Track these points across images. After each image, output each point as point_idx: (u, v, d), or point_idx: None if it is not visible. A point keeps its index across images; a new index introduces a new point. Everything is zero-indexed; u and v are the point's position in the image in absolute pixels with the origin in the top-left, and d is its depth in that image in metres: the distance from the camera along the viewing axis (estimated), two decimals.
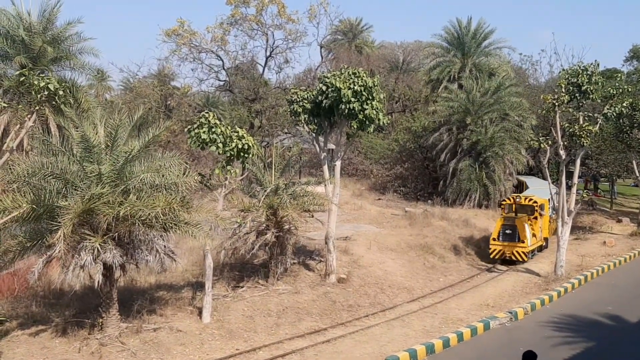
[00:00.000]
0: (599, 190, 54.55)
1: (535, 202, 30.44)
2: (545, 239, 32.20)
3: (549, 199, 31.20)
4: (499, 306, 21.96)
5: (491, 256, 28.98)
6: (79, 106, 22.34)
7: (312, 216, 23.67)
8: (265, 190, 22.32)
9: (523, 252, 28.57)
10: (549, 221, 32.46)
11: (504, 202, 31.30)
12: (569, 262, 27.43)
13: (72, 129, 16.66)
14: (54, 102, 16.64)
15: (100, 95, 30.83)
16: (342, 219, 32.06)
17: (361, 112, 22.26)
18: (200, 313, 18.93)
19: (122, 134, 16.82)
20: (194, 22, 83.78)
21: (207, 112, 19.90)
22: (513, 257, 28.53)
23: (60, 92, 15.77)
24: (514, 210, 30.26)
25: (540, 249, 31.41)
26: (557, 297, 23.13)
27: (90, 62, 28.57)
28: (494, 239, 29.13)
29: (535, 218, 30.02)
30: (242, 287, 22.07)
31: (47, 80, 15.93)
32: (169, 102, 46.44)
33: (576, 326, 19.70)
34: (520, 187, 41.75)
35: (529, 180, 41.56)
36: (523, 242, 28.53)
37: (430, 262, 27.97)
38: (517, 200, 30.75)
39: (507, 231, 28.74)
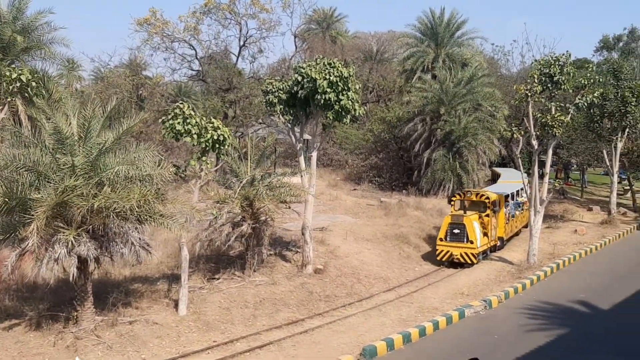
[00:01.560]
0: (570, 179, 55.37)
1: (487, 197, 27.94)
2: (500, 239, 29.42)
3: (507, 194, 30.05)
4: (474, 295, 22.21)
5: (438, 258, 26.72)
6: (50, 97, 21.94)
7: (289, 207, 23.64)
8: (240, 182, 22.22)
9: (472, 254, 26.16)
10: (506, 218, 29.89)
11: (453, 198, 28.96)
12: (542, 250, 27.83)
13: (44, 120, 16.38)
14: (26, 94, 16.35)
15: (71, 85, 30.29)
16: (318, 209, 32.08)
17: (337, 103, 22.25)
18: (176, 305, 18.82)
19: (95, 125, 16.58)
20: (167, 11, 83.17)
21: (181, 103, 19.69)
22: (461, 259, 26.25)
23: (33, 84, 15.48)
24: (467, 206, 27.98)
25: (495, 249, 28.69)
26: (530, 285, 23.47)
27: (61, 52, 28.11)
28: (440, 239, 26.75)
29: (488, 215, 27.57)
30: (218, 278, 21.98)
31: (19, 72, 15.63)
32: (141, 92, 45.90)
33: (549, 313, 20.01)
34: (495, 178, 42.15)
35: (504, 171, 41.91)
36: (472, 242, 26.13)
37: (406, 251, 28.17)
38: (468, 195, 28.52)
39: (455, 231, 26.34)
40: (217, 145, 19.62)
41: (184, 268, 18.83)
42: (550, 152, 27.53)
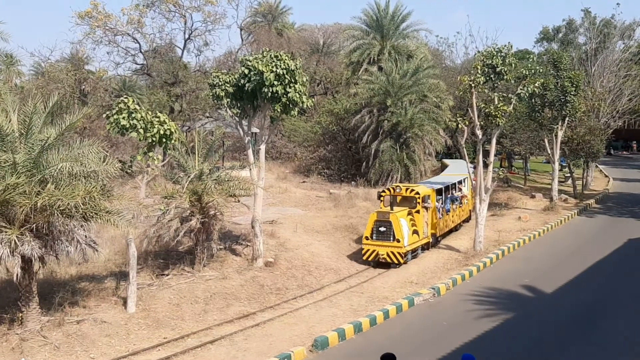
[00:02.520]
0: (513, 168, 56.70)
1: (417, 192, 26.53)
2: (433, 235, 28.02)
3: (440, 188, 29.11)
4: (422, 283, 22.59)
5: (364, 258, 25.15)
6: None
7: (238, 201, 23.55)
8: (188, 176, 22.01)
9: (399, 254, 24.55)
10: (439, 213, 28.50)
11: (382, 194, 27.41)
12: (487, 237, 28.45)
13: None
14: None
15: (11, 80, 29.43)
16: (268, 202, 32.05)
17: (284, 96, 22.24)
18: (125, 303, 18.55)
19: (37, 121, 16.20)
20: (109, 3, 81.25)
21: (126, 97, 19.40)
22: (387, 259, 24.66)
23: None
24: (397, 202, 26.68)
25: (427, 246, 27.55)
26: (477, 271, 24.02)
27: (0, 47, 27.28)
28: (366, 238, 25.10)
29: (418, 212, 26.21)
30: (167, 275, 21.73)
31: None
32: (83, 86, 44.84)
33: (495, 298, 20.54)
34: (444, 169, 42.79)
35: (452, 162, 42.45)
36: (398, 241, 24.51)
37: (356, 242, 28.40)
38: (397, 191, 26.87)
39: (381, 229, 24.69)
40: (163, 140, 19.45)
41: (132, 265, 18.57)
42: (494, 141, 28.16)
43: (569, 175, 47.89)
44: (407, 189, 26.80)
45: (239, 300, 20.19)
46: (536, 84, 27.64)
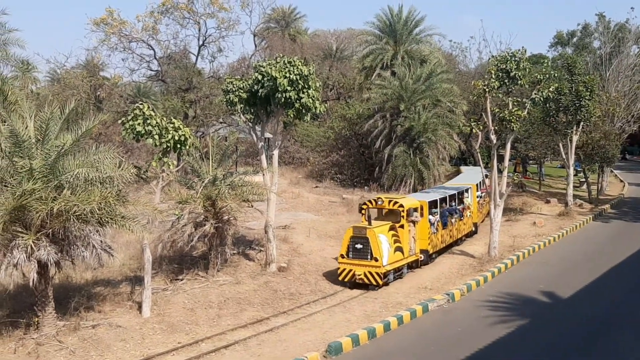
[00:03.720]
0: (528, 173, 56.43)
1: (401, 205, 23.79)
2: (425, 252, 25.43)
3: (435, 200, 26.96)
4: (437, 288, 22.50)
5: (340, 278, 22.59)
6: (6, 99, 21.52)
7: (251, 206, 23.62)
8: (202, 181, 22.13)
9: (377, 274, 21.89)
10: (433, 227, 25.97)
11: (363, 206, 24.40)
12: (502, 243, 28.32)
13: (0, 123, 16.08)
14: None
15: (27, 87, 29.71)
16: (281, 207, 32.10)
17: (297, 101, 22.31)
18: (139, 308, 18.66)
19: (53, 128, 16.36)
20: (124, 10, 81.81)
21: (141, 103, 19.51)
22: (365, 280, 22.06)
23: None
24: (383, 215, 24.49)
25: (417, 264, 25.10)
26: (492, 277, 23.89)
27: (16, 54, 27.53)
28: (341, 256, 22.56)
29: (402, 227, 23.56)
30: (181, 279, 21.85)
31: None
32: (99, 93, 45.24)
33: (511, 305, 20.42)
34: (458, 175, 42.53)
35: (466, 170, 41.95)
36: (377, 259, 21.87)
37: None
38: (379, 203, 24.30)
39: (357, 246, 22.15)
40: (178, 146, 19.50)
41: (147, 270, 18.67)
42: (508, 146, 28.03)
43: (584, 180, 47.63)
44: (390, 201, 24.13)
45: (252, 305, 20.22)
46: (550, 89, 27.50)
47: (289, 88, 21.91)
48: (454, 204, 29.14)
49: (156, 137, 18.92)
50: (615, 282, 23.52)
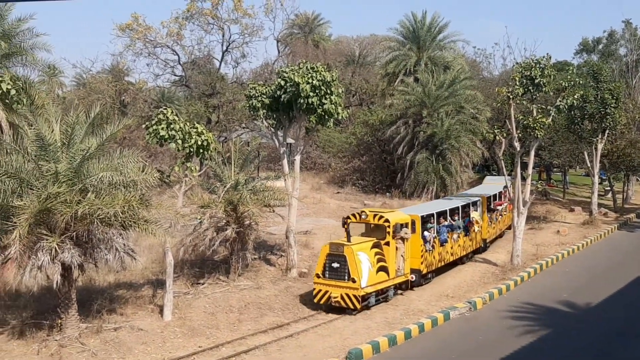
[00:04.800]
0: (552, 181, 55.84)
1: (386, 220, 21.41)
2: (417, 272, 22.96)
3: (431, 213, 24.51)
4: (458, 296, 22.33)
5: (315, 300, 20.35)
6: (32, 103, 21.82)
7: (273, 211, 23.67)
8: (224, 186, 22.22)
9: (355, 297, 19.62)
10: (429, 244, 23.65)
11: (347, 220, 21.89)
12: (525, 251, 28.04)
13: (26, 126, 16.30)
14: (6, 101, 16.25)
15: (53, 91, 30.16)
16: (302, 213, 32.12)
17: (320, 107, 22.35)
18: (161, 311, 18.77)
19: (79, 132, 16.54)
20: (149, 16, 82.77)
21: (165, 108, 19.67)
22: (342, 303, 19.79)
23: (13, 92, 15.37)
24: (370, 230, 22.16)
25: (408, 285, 22.79)
26: (514, 286, 23.65)
27: (43, 58, 27.91)
28: (317, 276, 20.37)
29: (388, 244, 21.24)
30: (202, 283, 21.94)
31: (0, 79, 15.52)
32: (123, 97, 45.76)
33: (533, 314, 20.19)
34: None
35: (489, 179, 40.15)
36: (354, 281, 19.62)
37: None
38: (362, 217, 21.87)
39: (334, 264, 19.94)
40: (201, 150, 19.62)
41: (169, 273, 18.78)
42: (532, 153, 27.80)
43: (608, 188, 47.01)
44: (375, 216, 21.76)
45: (273, 310, 20.23)
46: (575, 96, 27.24)
47: (311, 94, 21.95)
48: (457, 218, 26.25)
49: (179, 141, 19.06)
50: None
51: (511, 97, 26.13)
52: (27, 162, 15.84)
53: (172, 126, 18.99)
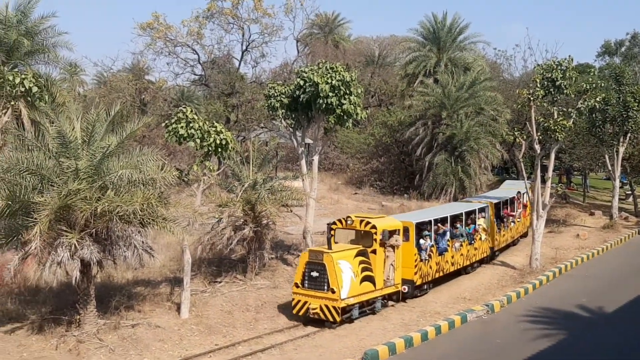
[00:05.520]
0: (572, 184, 55.32)
1: (373, 226, 20.00)
2: (409, 283, 21.52)
3: (429, 220, 23.13)
4: (476, 299, 22.19)
5: (294, 311, 19.10)
6: (54, 101, 22.05)
7: (290, 211, 23.69)
8: (243, 185, 22.28)
9: (334, 308, 18.24)
10: (425, 253, 22.13)
11: (333, 226, 20.64)
12: (544, 254, 27.80)
13: (48, 123, 16.46)
14: (29, 98, 16.42)
15: (74, 89, 30.42)
16: (319, 213, 32.09)
17: (339, 107, 22.36)
18: (178, 309, 18.86)
19: (99, 129, 16.65)
20: (170, 15, 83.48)
21: (184, 107, 19.78)
22: (321, 315, 18.47)
23: (35, 89, 15.52)
24: (361, 237, 20.46)
25: (399, 297, 21.27)
26: (533, 289, 23.45)
27: (65, 56, 28.25)
28: (296, 285, 19.10)
29: (375, 252, 19.90)
30: (220, 282, 22.01)
31: (23, 77, 15.68)
32: (143, 96, 46.08)
33: (552, 318, 20.00)
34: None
35: (506, 184, 38.27)
36: (334, 291, 18.27)
37: None
38: (348, 222, 20.60)
39: (313, 273, 18.69)
40: (219, 150, 19.70)
41: (187, 271, 18.87)
42: (552, 156, 27.54)
43: (629, 192, 46.47)
44: (361, 221, 20.43)
45: (289, 309, 20.21)
46: (597, 99, 26.96)
47: (330, 94, 21.97)
48: (459, 225, 24.86)
49: (198, 140, 19.16)
50: None
51: (532, 99, 25.92)
52: (48, 158, 15.98)
53: (191, 125, 19.10)
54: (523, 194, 31.34)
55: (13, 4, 26.80)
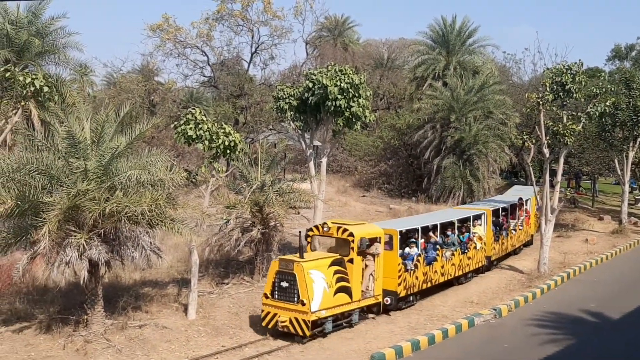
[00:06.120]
0: (581, 189, 55.10)
1: (350, 234, 18.69)
2: (391, 294, 20.07)
3: (417, 228, 21.75)
4: (483, 303, 22.11)
5: (263, 323, 17.85)
6: (64, 101, 22.17)
7: (298, 213, 23.70)
8: (251, 187, 22.31)
9: (304, 322, 16.96)
10: (410, 263, 20.83)
11: (310, 233, 20.10)
12: (552, 259, 27.67)
13: (57, 124, 16.53)
14: (39, 98, 16.50)
15: (84, 90, 30.62)
16: (327, 215, 32.04)
17: (347, 110, 22.38)
18: (185, 310, 18.90)
19: (108, 130, 16.72)
20: (179, 17, 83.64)
21: (193, 109, 19.84)
22: (290, 328, 17.18)
23: (46, 89, 15.61)
24: (339, 245, 19.45)
25: (380, 309, 20.03)
26: (541, 294, 23.35)
27: (75, 57, 28.46)
28: (265, 295, 17.86)
29: (352, 261, 18.60)
30: (227, 283, 22.05)
31: (33, 77, 15.77)
32: (153, 97, 46.21)
33: (560, 323, 19.90)
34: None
35: (512, 190, 37.27)
36: (303, 303, 16.98)
37: None
38: (325, 229, 19.46)
39: (283, 283, 17.48)
40: (228, 151, 19.75)
41: (194, 272, 18.90)
42: (561, 160, 27.43)
43: (639, 197, 46.22)
44: (338, 228, 19.18)
45: None
46: (607, 103, 26.86)
47: (339, 96, 21.99)
48: (449, 233, 23.70)
49: (206, 142, 19.21)
50: None
51: (541, 103, 25.83)
52: (57, 159, 16.05)
53: (200, 126, 19.16)
54: (526, 200, 31.02)
55: (24, 5, 27.00)
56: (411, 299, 21.31)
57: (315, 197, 23.67)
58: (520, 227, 30.35)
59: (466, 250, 24.25)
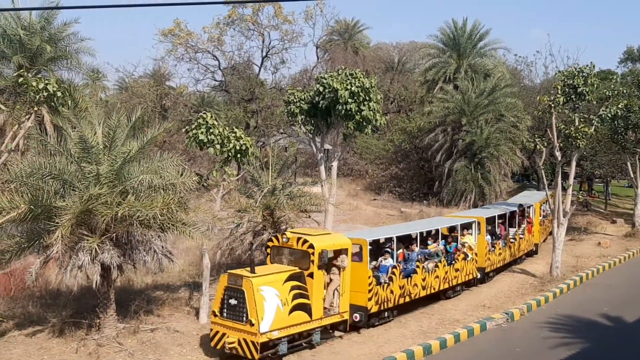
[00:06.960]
0: (593, 192, 54.79)
1: (310, 245, 16.79)
2: (361, 310, 18.34)
3: (391, 237, 20.13)
4: (495, 307, 22.01)
5: (212, 343, 16.08)
6: (76, 106, 22.29)
7: (309, 216, 23.67)
8: (262, 191, 22.31)
9: (253, 344, 15.16)
10: (385, 275, 19.21)
11: (270, 243, 18.07)
12: (565, 263, 27.52)
13: (70, 129, 16.63)
14: (52, 103, 16.61)
15: (96, 94, 30.83)
16: (338, 219, 32.09)
17: (358, 113, 22.39)
18: (197, 313, 18.94)
19: (120, 134, 16.80)
20: (191, 22, 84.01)
21: (205, 113, 19.92)
22: (239, 350, 15.40)
23: (59, 94, 15.71)
24: (299, 256, 17.22)
25: (345, 327, 18.09)
26: (553, 297, 23.22)
27: (87, 62, 28.64)
28: (214, 314, 16.10)
29: (312, 275, 16.69)
30: None
31: (46, 82, 15.88)
32: (164, 101, 46.50)
33: (572, 327, 19.78)
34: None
35: (520, 197, 35.96)
36: (252, 324, 15.16)
37: None
38: (284, 240, 17.43)
39: (232, 301, 15.70)
40: (239, 155, 19.79)
41: (205, 276, 18.94)
42: (573, 163, 27.29)
43: None
44: (298, 239, 17.16)
45: None
46: (619, 106, 26.70)
47: (350, 100, 22.00)
48: (430, 242, 22.24)
49: (218, 146, 19.26)
50: None
51: (553, 105, 25.72)
52: (70, 163, 16.14)
53: (211, 130, 19.22)
54: (528, 207, 30.15)
55: (37, 11, 27.20)
56: (386, 314, 19.58)
57: (326, 201, 23.65)
58: (522, 236, 28.66)
59: (453, 262, 22.41)
